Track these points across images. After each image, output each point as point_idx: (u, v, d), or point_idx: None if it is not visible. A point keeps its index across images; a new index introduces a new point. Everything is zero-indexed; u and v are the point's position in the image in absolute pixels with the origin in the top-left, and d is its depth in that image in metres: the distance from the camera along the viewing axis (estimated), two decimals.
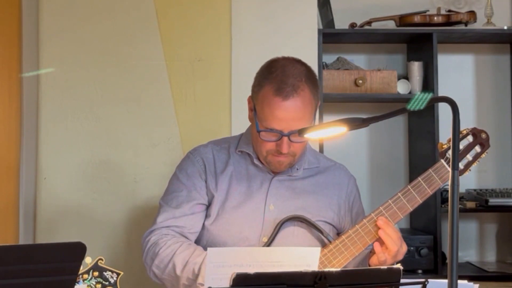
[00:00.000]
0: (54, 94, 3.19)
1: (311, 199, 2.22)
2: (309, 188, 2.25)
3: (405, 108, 1.66)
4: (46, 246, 1.38)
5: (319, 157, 2.35)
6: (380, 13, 3.50)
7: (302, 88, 2.07)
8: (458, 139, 1.58)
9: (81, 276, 1.71)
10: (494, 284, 3.08)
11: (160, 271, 2.13)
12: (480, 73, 3.66)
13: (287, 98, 2.05)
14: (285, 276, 1.50)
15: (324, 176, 2.29)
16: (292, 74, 2.09)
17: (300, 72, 2.10)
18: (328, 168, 2.31)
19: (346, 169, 2.36)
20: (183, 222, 2.19)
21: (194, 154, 2.28)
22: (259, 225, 2.17)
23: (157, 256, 2.12)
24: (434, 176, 2.11)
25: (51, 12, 3.20)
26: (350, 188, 2.31)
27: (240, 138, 2.31)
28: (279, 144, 2.09)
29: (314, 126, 1.98)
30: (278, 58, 2.18)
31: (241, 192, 2.21)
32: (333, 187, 2.27)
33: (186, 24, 3.22)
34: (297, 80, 2.08)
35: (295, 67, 2.12)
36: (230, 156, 2.25)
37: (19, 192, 3.22)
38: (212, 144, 2.31)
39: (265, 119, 2.08)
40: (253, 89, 2.17)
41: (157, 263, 2.13)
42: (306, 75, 2.11)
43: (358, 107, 3.61)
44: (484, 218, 3.62)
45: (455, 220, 1.53)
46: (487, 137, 2.17)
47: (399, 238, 2.07)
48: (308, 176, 2.26)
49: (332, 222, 2.24)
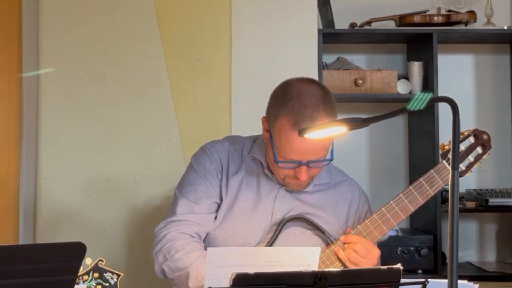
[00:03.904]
0: (54, 94, 3.19)
1: (318, 211, 2.20)
2: (317, 202, 2.22)
3: (405, 108, 1.66)
4: (46, 246, 1.38)
5: (332, 171, 2.30)
6: (380, 13, 3.49)
7: (321, 119, 2.01)
8: (458, 139, 1.58)
9: (81, 277, 1.71)
10: (494, 284, 3.08)
11: (171, 272, 2.10)
12: (480, 73, 3.66)
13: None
14: (285, 276, 1.50)
15: (334, 192, 2.25)
16: (309, 103, 2.02)
17: (317, 100, 2.04)
18: (340, 184, 2.28)
19: (358, 185, 2.32)
20: (201, 220, 2.15)
21: (212, 150, 2.24)
22: (263, 234, 2.16)
23: (172, 258, 2.09)
24: (435, 177, 2.12)
25: (51, 12, 3.20)
26: (361, 205, 2.27)
27: (253, 143, 2.26)
28: (297, 172, 2.07)
29: (314, 126, 1.97)
30: (292, 82, 2.11)
31: (249, 199, 2.19)
32: (342, 203, 2.24)
33: (186, 24, 3.22)
34: (315, 110, 2.02)
35: (312, 94, 2.05)
36: (243, 160, 2.23)
37: (19, 192, 3.22)
38: (228, 143, 2.27)
39: (283, 151, 2.05)
40: (268, 115, 2.11)
41: (171, 266, 2.10)
42: (323, 101, 2.05)
43: (358, 107, 3.61)
44: (484, 218, 3.62)
45: (455, 220, 1.53)
46: (488, 138, 2.17)
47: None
48: (317, 190, 2.24)
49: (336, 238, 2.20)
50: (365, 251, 2.06)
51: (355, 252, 2.05)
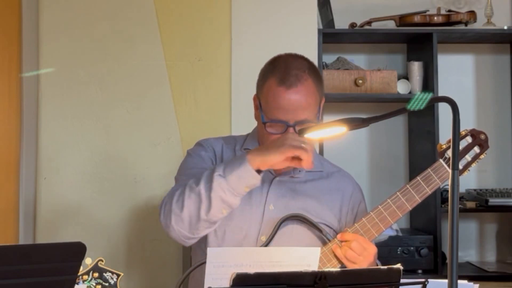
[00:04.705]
0: (54, 94, 3.19)
1: (311, 201, 2.22)
2: (311, 191, 2.24)
3: (405, 108, 1.66)
4: (46, 246, 1.38)
5: (324, 162, 2.34)
6: (380, 13, 3.49)
7: (306, 78, 2.10)
8: (458, 139, 1.58)
9: (81, 277, 1.71)
10: (494, 284, 3.08)
11: (180, 203, 2.03)
12: (480, 73, 3.66)
13: (290, 87, 2.08)
14: (285, 276, 1.50)
15: (327, 182, 2.28)
16: (295, 66, 2.13)
17: (303, 65, 2.14)
18: (332, 174, 2.30)
19: (352, 177, 2.34)
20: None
21: (206, 143, 2.30)
22: (258, 224, 2.18)
23: (174, 194, 2.05)
24: (432, 176, 2.13)
25: (51, 12, 3.20)
26: (355, 196, 2.29)
27: (246, 137, 2.33)
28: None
29: (314, 126, 1.98)
30: (281, 54, 2.22)
31: None
32: (336, 193, 2.26)
33: (186, 24, 3.23)
34: (301, 71, 2.11)
35: (298, 61, 2.16)
36: (235, 154, 2.26)
37: (19, 192, 3.22)
38: (222, 140, 2.33)
39: (270, 110, 2.11)
40: (257, 85, 2.20)
41: (176, 199, 2.05)
42: (309, 68, 2.15)
43: (358, 107, 3.61)
44: (484, 218, 3.62)
45: (455, 220, 1.53)
46: (486, 138, 2.17)
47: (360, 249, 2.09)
48: (310, 180, 2.26)
49: (331, 226, 2.23)
50: (361, 249, 2.07)
51: (351, 250, 2.07)
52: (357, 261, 2.07)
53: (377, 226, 2.13)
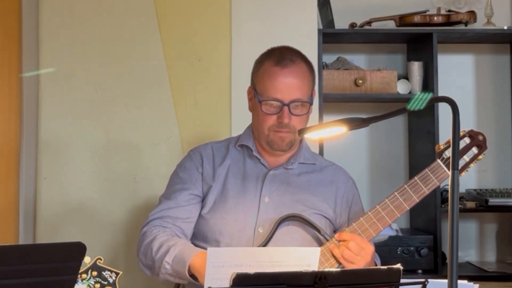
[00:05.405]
0: (54, 94, 3.19)
1: (306, 192, 2.27)
2: (305, 183, 2.29)
3: (405, 108, 1.66)
4: (46, 246, 1.38)
5: (317, 157, 2.41)
6: (380, 13, 3.49)
7: (299, 62, 2.23)
8: (458, 139, 1.59)
9: (80, 276, 1.71)
10: (494, 284, 3.08)
11: (144, 257, 2.18)
12: (480, 73, 3.66)
13: (285, 66, 2.19)
14: (285, 276, 1.50)
15: (321, 174, 2.33)
16: (289, 53, 2.25)
17: (297, 54, 2.27)
18: (326, 168, 2.36)
19: (345, 170, 2.40)
20: (177, 213, 2.24)
21: (194, 151, 2.38)
22: (254, 216, 2.21)
23: (142, 244, 2.19)
24: (430, 176, 2.14)
25: (51, 12, 3.20)
26: (349, 188, 2.34)
27: (240, 135, 2.38)
28: (280, 116, 2.18)
29: (314, 126, 1.99)
30: (275, 47, 2.33)
31: (237, 184, 2.27)
32: (330, 184, 2.31)
33: (186, 24, 3.23)
34: (294, 57, 2.24)
35: (292, 50, 2.29)
36: (229, 151, 2.33)
37: (19, 192, 3.22)
38: (212, 143, 2.40)
39: (266, 89, 2.19)
40: (252, 74, 2.29)
41: (142, 251, 2.19)
42: (303, 57, 2.27)
43: (358, 107, 3.61)
44: (484, 218, 3.62)
45: (455, 220, 1.53)
46: (484, 139, 2.18)
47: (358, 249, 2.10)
48: (304, 172, 2.31)
49: (327, 216, 2.27)
50: (358, 248, 2.08)
51: (348, 250, 2.08)
52: (355, 261, 2.08)
53: (375, 226, 2.14)
